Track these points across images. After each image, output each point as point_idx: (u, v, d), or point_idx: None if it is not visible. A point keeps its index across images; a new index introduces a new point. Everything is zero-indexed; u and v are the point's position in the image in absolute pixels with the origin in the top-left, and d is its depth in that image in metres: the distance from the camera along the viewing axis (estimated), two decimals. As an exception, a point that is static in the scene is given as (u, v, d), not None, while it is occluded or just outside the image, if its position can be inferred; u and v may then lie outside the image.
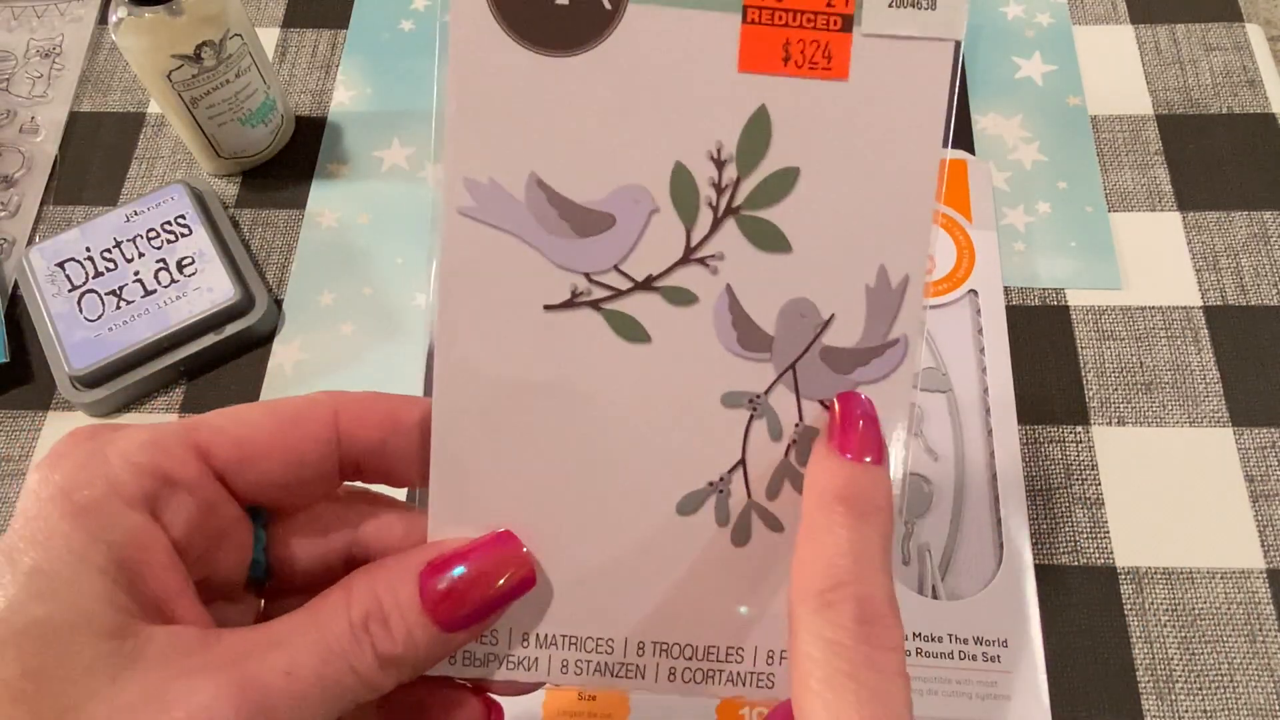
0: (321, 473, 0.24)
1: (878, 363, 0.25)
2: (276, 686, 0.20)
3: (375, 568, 0.23)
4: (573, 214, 0.24)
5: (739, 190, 0.24)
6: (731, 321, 0.24)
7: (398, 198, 0.54)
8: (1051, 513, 0.44)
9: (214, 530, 0.23)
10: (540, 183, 0.24)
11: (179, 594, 0.22)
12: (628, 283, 0.24)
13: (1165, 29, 0.58)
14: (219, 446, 0.23)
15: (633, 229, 0.24)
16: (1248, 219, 0.51)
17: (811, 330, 0.24)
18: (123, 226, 0.51)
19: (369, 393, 0.25)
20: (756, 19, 0.23)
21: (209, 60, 0.49)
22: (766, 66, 0.23)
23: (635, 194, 0.24)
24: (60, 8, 0.62)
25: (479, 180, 0.24)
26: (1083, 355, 0.48)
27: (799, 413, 0.25)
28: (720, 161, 0.24)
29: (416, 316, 0.51)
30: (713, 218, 0.24)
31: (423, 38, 0.60)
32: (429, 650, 0.23)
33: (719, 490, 0.25)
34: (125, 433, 0.22)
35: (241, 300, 0.49)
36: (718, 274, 0.24)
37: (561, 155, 0.23)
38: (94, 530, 0.21)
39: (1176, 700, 0.41)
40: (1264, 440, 0.46)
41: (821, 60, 0.23)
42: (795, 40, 0.23)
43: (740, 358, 0.24)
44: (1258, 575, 0.43)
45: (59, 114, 0.58)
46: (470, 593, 0.23)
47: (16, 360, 0.51)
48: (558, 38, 0.23)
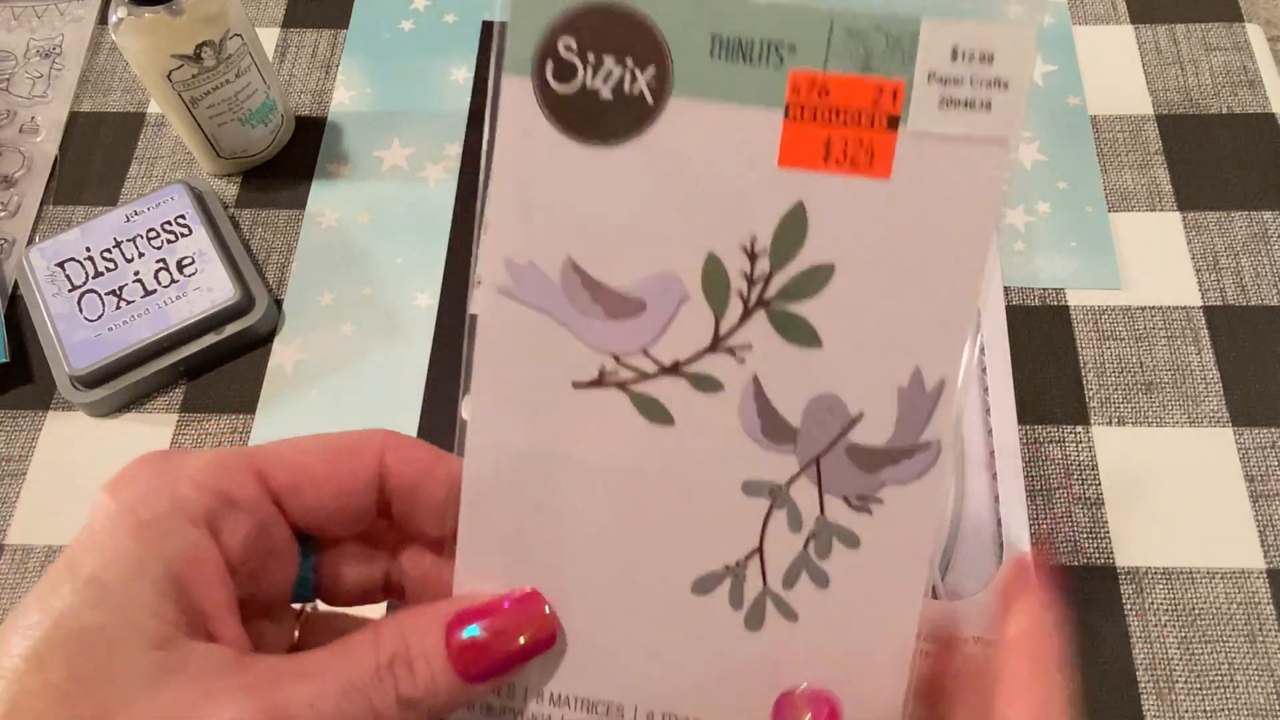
0: (364, 506, 0.25)
1: (908, 464, 0.24)
2: (300, 716, 0.21)
3: (405, 615, 0.24)
4: (605, 298, 0.24)
5: (771, 283, 0.24)
6: (756, 411, 0.24)
7: (398, 198, 0.54)
8: (1051, 513, 0.44)
9: (266, 550, 0.24)
10: (575, 266, 0.24)
11: (223, 612, 0.23)
12: (655, 366, 0.24)
13: (1165, 29, 0.58)
14: (277, 471, 0.24)
15: (662, 315, 0.24)
16: (1248, 219, 0.51)
17: (838, 426, 0.24)
18: (123, 226, 0.51)
19: (415, 439, 0.26)
20: (799, 115, 0.23)
21: (209, 60, 0.49)
22: (806, 163, 0.23)
23: (666, 281, 0.24)
24: (60, 8, 0.62)
25: (518, 261, 0.24)
26: (1083, 355, 0.48)
27: (820, 507, 0.25)
28: (753, 254, 0.24)
29: (417, 316, 0.51)
30: (743, 309, 0.24)
31: (423, 38, 0.60)
32: (448, 697, 0.24)
33: (734, 574, 0.25)
34: (191, 456, 0.24)
35: (241, 300, 0.49)
36: (745, 364, 0.24)
37: (597, 241, 0.24)
38: (154, 543, 0.22)
39: (1176, 700, 0.41)
40: (1264, 440, 0.46)
41: (864, 159, 0.23)
42: (838, 138, 0.23)
43: (763, 447, 0.25)
44: (1258, 575, 0.43)
45: (59, 114, 0.58)
46: (493, 646, 0.24)
47: (16, 360, 0.51)
48: (600, 129, 0.24)
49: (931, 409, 0.24)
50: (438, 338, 0.50)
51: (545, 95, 0.24)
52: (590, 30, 0.23)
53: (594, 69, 0.23)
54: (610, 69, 0.23)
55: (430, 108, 0.57)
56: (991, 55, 0.23)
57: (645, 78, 0.23)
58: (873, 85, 0.23)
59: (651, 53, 0.23)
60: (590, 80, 0.23)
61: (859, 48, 0.23)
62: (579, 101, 0.24)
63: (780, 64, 0.23)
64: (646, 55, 0.23)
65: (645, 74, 0.23)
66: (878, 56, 0.23)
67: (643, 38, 0.23)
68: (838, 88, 0.23)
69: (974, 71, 0.23)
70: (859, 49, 0.23)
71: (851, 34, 0.23)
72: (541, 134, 0.24)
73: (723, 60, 0.23)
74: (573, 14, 0.23)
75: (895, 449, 0.24)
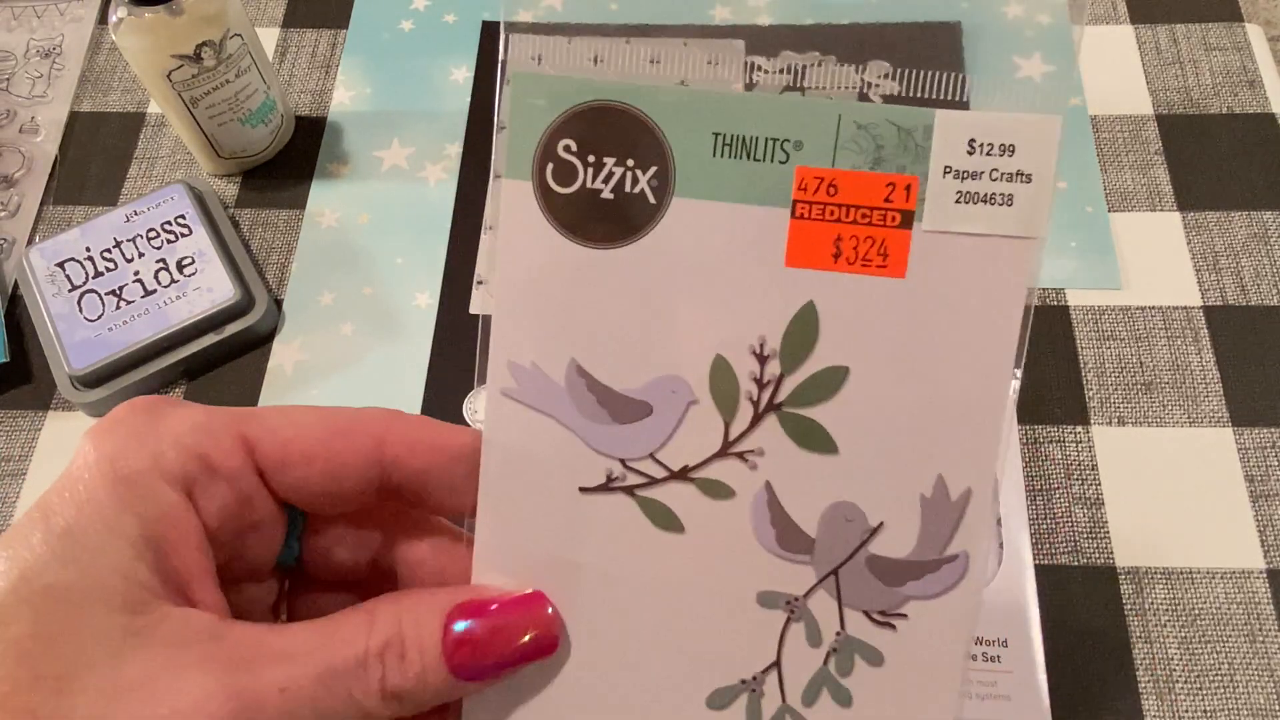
0: (360, 487, 0.24)
1: (932, 578, 0.23)
2: (269, 703, 0.20)
3: (403, 598, 0.23)
4: (610, 401, 0.24)
5: (782, 387, 0.23)
6: (770, 519, 0.24)
7: (398, 198, 0.54)
8: (1051, 513, 0.44)
9: (246, 522, 0.23)
10: (580, 369, 0.24)
11: (201, 577, 0.22)
12: (663, 471, 0.24)
13: (1165, 29, 0.58)
14: (265, 443, 0.23)
15: (670, 419, 0.24)
16: (1248, 219, 0.51)
17: (857, 537, 0.23)
18: (123, 226, 0.51)
19: (420, 417, 0.25)
20: (806, 214, 0.22)
21: (209, 60, 0.49)
22: (815, 262, 0.23)
23: (673, 384, 0.23)
24: (60, 8, 0.62)
25: (522, 364, 0.24)
26: (1083, 355, 0.48)
27: (841, 621, 0.24)
28: (763, 357, 0.23)
29: (417, 316, 0.51)
30: (753, 413, 0.23)
31: (423, 38, 0.60)
32: (436, 693, 0.23)
33: (751, 689, 0.24)
34: (180, 411, 0.23)
35: (241, 300, 0.49)
36: (757, 470, 0.23)
37: (601, 343, 0.24)
38: (129, 501, 0.21)
39: (1176, 700, 0.41)
40: (1264, 440, 0.46)
41: (876, 257, 0.22)
42: (848, 236, 0.22)
43: (778, 557, 0.24)
44: (1258, 575, 0.43)
45: (59, 114, 0.58)
46: (491, 644, 0.23)
47: (16, 360, 0.51)
48: (602, 230, 0.23)
49: (958, 520, 0.23)
50: (438, 338, 0.50)
51: (546, 198, 0.23)
52: (590, 131, 0.23)
53: (594, 170, 0.23)
54: (611, 170, 0.23)
55: (430, 108, 0.57)
56: (1012, 147, 0.22)
57: (646, 178, 0.23)
58: (884, 181, 0.22)
59: (652, 153, 0.23)
60: (591, 181, 0.23)
61: (869, 142, 0.22)
62: (580, 203, 0.23)
63: (786, 160, 0.22)
64: (647, 155, 0.23)
65: (646, 174, 0.23)
66: (889, 150, 0.22)
67: (643, 138, 0.23)
68: (847, 184, 0.22)
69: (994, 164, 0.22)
70: (869, 143, 0.22)
71: (860, 127, 0.22)
72: (543, 236, 0.23)
73: (726, 159, 0.23)
74: (571, 115, 0.23)
75: (919, 561, 0.23)
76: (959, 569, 0.23)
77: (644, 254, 0.23)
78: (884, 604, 0.23)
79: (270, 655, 0.21)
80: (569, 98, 0.23)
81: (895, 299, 0.22)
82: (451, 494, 0.25)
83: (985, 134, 0.22)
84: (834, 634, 0.24)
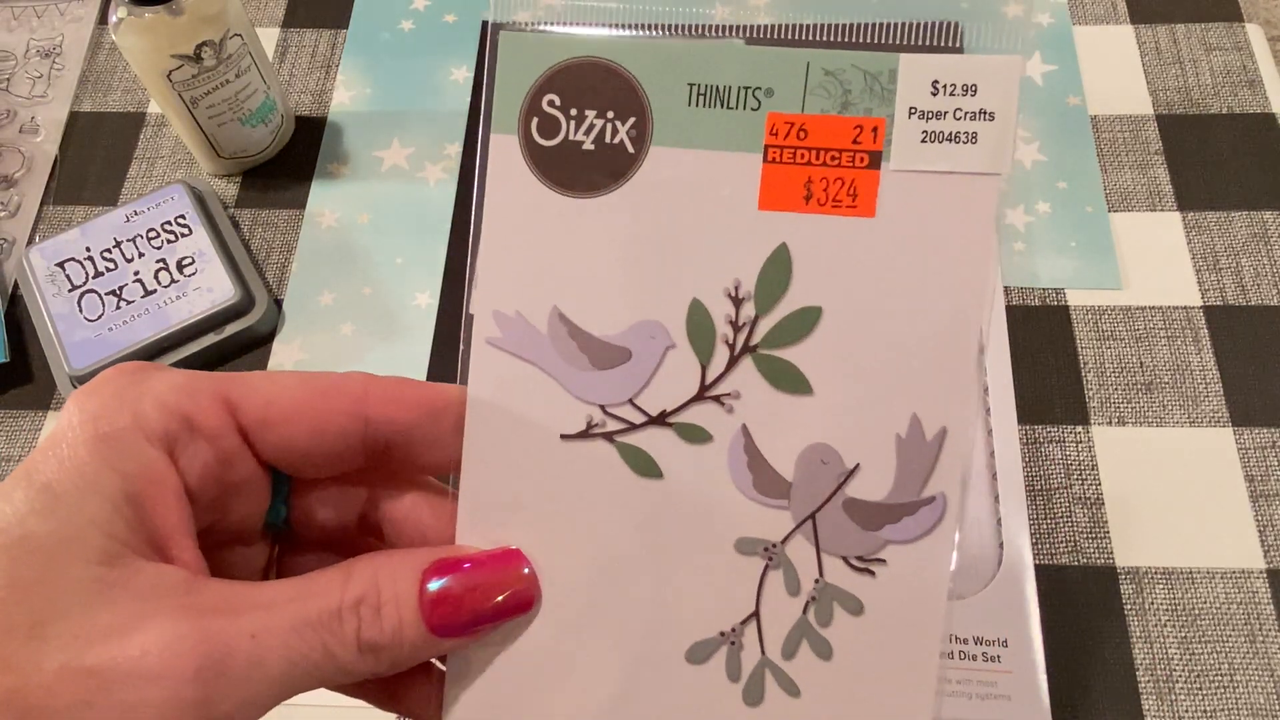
0: (344, 448, 0.24)
1: (909, 521, 0.23)
2: (239, 647, 0.21)
3: (379, 555, 0.24)
4: (591, 347, 0.24)
5: (757, 328, 0.23)
6: (747, 463, 0.24)
7: (398, 198, 0.54)
8: (1051, 513, 0.44)
9: (228, 482, 0.24)
10: (562, 316, 0.24)
11: (179, 534, 0.22)
12: (641, 416, 0.24)
13: (1165, 29, 0.58)
14: (248, 403, 0.23)
15: (648, 364, 0.24)
16: (1248, 219, 0.51)
17: (833, 479, 0.23)
18: (123, 226, 0.51)
19: (400, 377, 0.25)
20: (777, 158, 0.23)
21: (209, 60, 0.49)
22: (787, 205, 0.23)
23: (651, 329, 0.24)
24: (60, 8, 0.62)
25: (506, 312, 0.24)
26: (1083, 355, 0.48)
27: (819, 568, 0.23)
28: (738, 299, 0.23)
29: (416, 316, 0.51)
30: (729, 355, 0.24)
31: (423, 38, 0.60)
32: (413, 648, 0.23)
33: (730, 642, 0.24)
34: (162, 374, 0.23)
35: (241, 300, 0.49)
36: (733, 413, 0.24)
37: (582, 290, 0.24)
38: (110, 458, 0.21)
39: (1176, 700, 0.41)
40: (1264, 440, 0.46)
41: (846, 198, 0.23)
42: (818, 178, 0.23)
43: (756, 503, 0.24)
44: (1258, 575, 0.43)
45: (59, 114, 0.58)
46: (467, 601, 0.23)
47: (16, 360, 0.51)
48: (584, 180, 0.24)
49: (933, 460, 0.23)
50: (438, 338, 0.50)
51: (531, 150, 0.24)
52: (572, 86, 0.24)
53: (576, 123, 0.24)
54: (592, 122, 0.24)
55: (430, 108, 0.57)
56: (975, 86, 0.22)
57: (625, 128, 0.24)
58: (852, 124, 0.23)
59: (631, 104, 0.23)
60: (573, 134, 0.24)
61: (836, 87, 0.23)
62: (563, 154, 0.24)
63: (758, 107, 0.23)
64: (626, 107, 0.23)
65: (625, 125, 0.24)
66: (856, 94, 0.23)
67: (622, 90, 0.23)
68: (816, 128, 0.23)
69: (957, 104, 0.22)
70: (836, 88, 0.23)
71: (828, 73, 0.23)
72: (527, 187, 0.24)
73: (700, 107, 0.23)
74: (555, 71, 0.24)
75: (896, 504, 0.23)
76: (937, 511, 0.23)
77: (623, 202, 0.24)
78: (862, 549, 0.23)
79: (244, 605, 0.21)
80: (553, 55, 0.24)
81: (866, 238, 0.23)
82: (436, 449, 0.25)
83: (948, 75, 0.22)
84: (813, 582, 0.24)
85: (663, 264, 0.24)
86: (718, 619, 0.24)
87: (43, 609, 0.20)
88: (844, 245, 0.23)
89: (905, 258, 0.23)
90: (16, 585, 0.20)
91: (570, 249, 0.24)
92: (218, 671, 0.20)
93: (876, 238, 0.23)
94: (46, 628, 0.20)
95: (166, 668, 0.20)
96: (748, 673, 0.24)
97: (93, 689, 0.19)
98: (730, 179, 0.23)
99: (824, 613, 0.24)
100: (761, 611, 0.24)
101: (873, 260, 0.23)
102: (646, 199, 0.24)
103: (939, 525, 0.23)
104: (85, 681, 0.19)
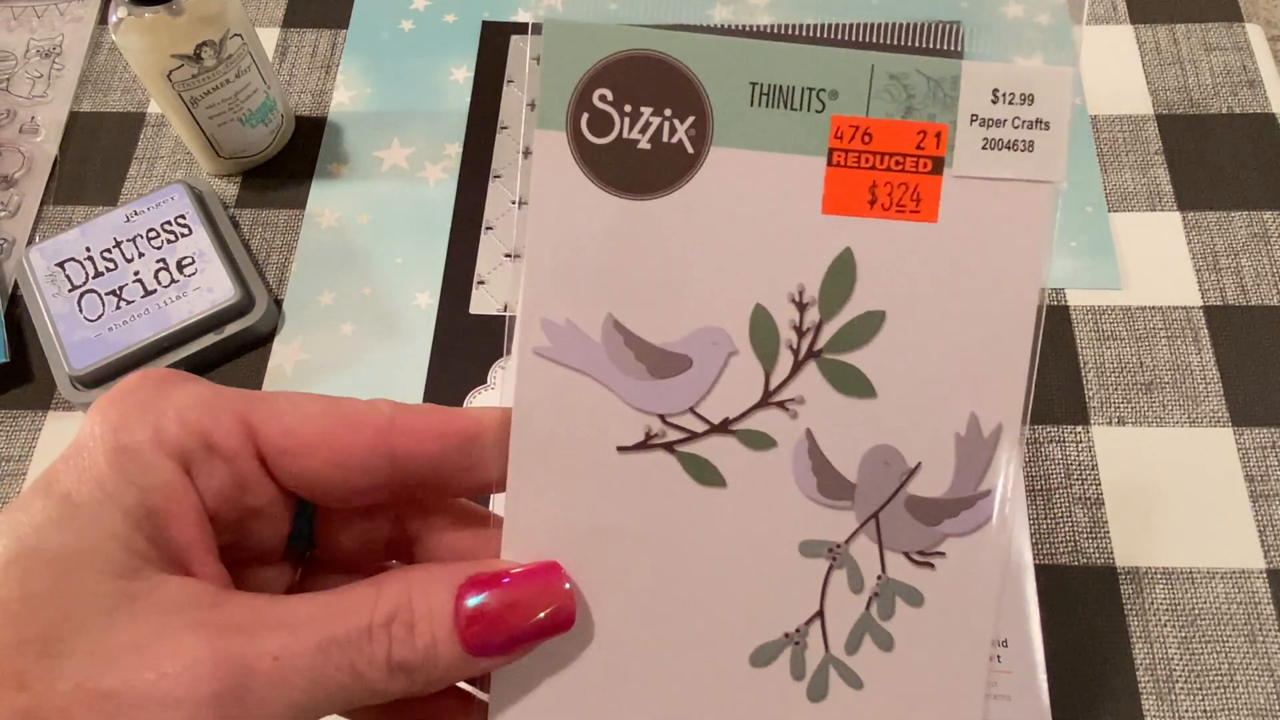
0: (368, 482, 0.23)
1: (967, 515, 0.24)
2: (260, 668, 0.20)
3: (412, 571, 0.23)
4: (649, 355, 0.24)
5: (821, 333, 0.23)
6: (811, 467, 0.24)
7: (398, 198, 0.54)
8: (1051, 513, 0.44)
9: (246, 505, 0.23)
10: (617, 324, 0.23)
11: (199, 550, 0.21)
12: (703, 425, 0.24)
13: (1165, 29, 0.58)
14: (268, 429, 0.23)
15: (710, 371, 0.24)
16: (1248, 219, 0.51)
17: (896, 479, 0.24)
18: (123, 226, 0.51)
19: (429, 406, 0.24)
20: (842, 161, 0.23)
21: (209, 60, 0.49)
22: (851, 209, 0.23)
23: (713, 336, 0.23)
24: (60, 8, 0.62)
25: (556, 321, 0.23)
26: (1083, 355, 0.48)
27: (881, 564, 0.24)
28: (802, 304, 0.23)
29: (416, 316, 0.51)
30: (793, 361, 0.23)
31: (423, 38, 0.60)
32: (447, 669, 0.22)
33: (795, 642, 0.24)
34: (188, 387, 0.22)
35: (241, 300, 0.49)
36: (797, 418, 0.24)
37: (639, 297, 0.23)
38: (129, 471, 0.21)
39: (1176, 700, 0.41)
40: (1264, 440, 0.46)
41: (910, 203, 0.23)
42: (882, 183, 0.23)
43: (820, 505, 0.24)
44: (1258, 575, 0.43)
45: (59, 114, 0.58)
46: (505, 619, 0.22)
47: (16, 360, 0.51)
48: (639, 181, 0.23)
49: (990, 456, 0.23)
50: (438, 338, 0.50)
51: (581, 148, 0.23)
52: (626, 81, 0.23)
53: (631, 120, 0.23)
54: (648, 120, 0.23)
55: (430, 108, 0.57)
56: (1031, 96, 0.23)
57: (684, 127, 0.23)
58: (916, 129, 0.23)
59: (690, 102, 0.23)
60: (628, 131, 0.23)
61: (901, 91, 0.23)
62: (616, 153, 0.23)
63: (822, 110, 0.23)
64: (685, 105, 0.23)
65: (684, 124, 0.23)
66: (920, 99, 0.23)
67: (681, 87, 0.23)
68: (881, 132, 0.23)
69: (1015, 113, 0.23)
70: (901, 92, 0.23)
71: (893, 77, 0.23)
72: (578, 188, 0.23)
73: (763, 108, 0.23)
74: (607, 64, 0.23)
75: (954, 499, 0.24)
76: (990, 505, 0.24)
77: (682, 204, 0.23)
78: (923, 544, 0.24)
79: (267, 623, 0.21)
80: (604, 47, 0.23)
81: (928, 243, 0.23)
82: (469, 476, 0.24)
83: (1007, 84, 0.23)
84: (875, 578, 0.24)
85: (724, 269, 0.23)
86: (782, 621, 0.24)
87: (58, 622, 0.19)
88: (907, 250, 0.23)
89: (965, 262, 0.23)
90: (30, 597, 0.19)
91: (625, 253, 0.23)
92: (236, 696, 0.19)
93: (938, 242, 0.23)
94: (62, 643, 0.19)
95: (184, 692, 0.19)
96: (812, 670, 0.24)
97: (109, 712, 0.19)
98: (794, 182, 0.23)
99: (886, 606, 0.24)
100: (826, 610, 0.24)
101: (934, 264, 0.23)
102: (707, 201, 0.23)
103: (994, 516, 0.24)
104: (101, 705, 0.19)
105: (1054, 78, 0.23)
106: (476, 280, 0.52)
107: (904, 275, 0.23)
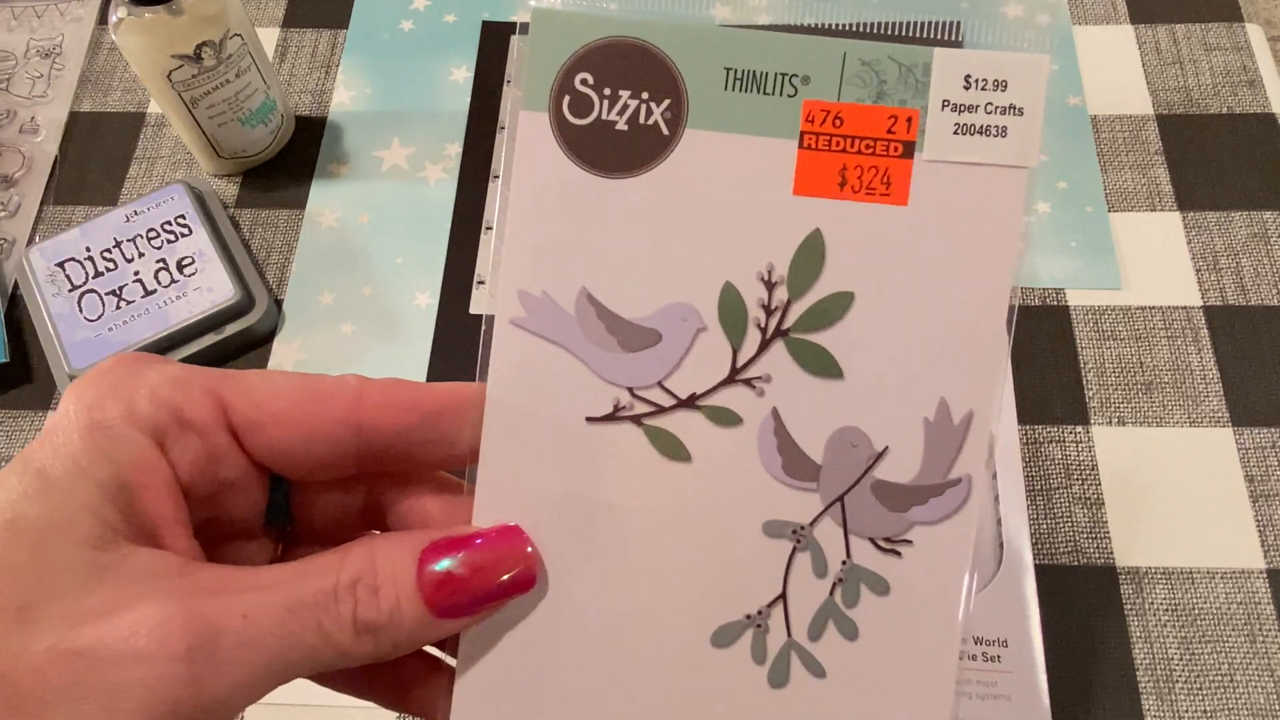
0: (336, 454, 0.24)
1: (936, 503, 0.24)
2: (231, 627, 0.20)
3: (377, 538, 0.23)
4: (620, 329, 0.24)
5: (789, 312, 0.24)
6: (777, 446, 0.24)
7: (398, 198, 0.54)
8: (1051, 513, 0.44)
9: (220, 478, 0.23)
10: (590, 297, 0.24)
11: (171, 523, 0.22)
12: (670, 399, 0.24)
13: (1165, 29, 0.58)
14: (239, 402, 0.23)
15: (678, 346, 0.24)
16: (1248, 219, 0.51)
17: (863, 462, 0.24)
18: (123, 226, 0.51)
19: (395, 380, 0.25)
20: (813, 144, 0.23)
21: (209, 60, 0.49)
22: (822, 191, 0.23)
23: (682, 312, 0.24)
24: (60, 8, 0.62)
25: (532, 293, 0.24)
26: (1083, 355, 0.48)
27: (846, 549, 0.24)
28: (770, 283, 0.24)
29: (416, 316, 0.51)
30: (761, 339, 0.24)
31: (423, 38, 0.60)
32: (412, 630, 0.23)
33: (756, 625, 0.24)
34: (160, 366, 0.23)
35: (241, 300, 0.49)
36: (764, 396, 0.24)
37: (612, 271, 0.24)
38: (102, 446, 0.21)
39: (1176, 700, 0.41)
40: (1264, 440, 0.46)
41: (880, 186, 0.23)
42: (853, 166, 0.23)
43: (785, 485, 0.24)
44: (1258, 575, 0.43)
45: (59, 114, 0.58)
46: (468, 580, 0.23)
47: (16, 360, 0.51)
48: (616, 160, 0.24)
49: (960, 443, 0.23)
50: (438, 338, 0.50)
51: (562, 129, 0.24)
52: (606, 65, 0.23)
53: (610, 102, 0.24)
54: (626, 102, 0.24)
55: (430, 108, 0.57)
56: (1005, 82, 0.23)
57: (660, 110, 0.23)
58: (887, 114, 0.23)
59: (667, 86, 0.23)
60: (606, 113, 0.24)
61: (872, 77, 0.23)
62: (595, 134, 0.24)
63: (794, 94, 0.23)
64: (662, 88, 0.23)
65: (660, 106, 0.23)
66: (891, 85, 0.23)
67: (658, 72, 0.23)
68: (852, 116, 0.23)
69: (988, 99, 0.23)
70: (872, 78, 0.23)
71: (864, 64, 0.23)
72: (557, 166, 0.24)
73: (737, 92, 0.23)
74: (589, 50, 0.24)
75: (923, 486, 0.24)
76: (961, 493, 0.24)
77: (656, 183, 0.24)
78: (889, 530, 0.24)
79: (237, 587, 0.21)
80: (587, 33, 0.24)
81: (898, 225, 0.23)
82: (435, 449, 0.24)
83: (980, 70, 0.23)
84: (840, 563, 0.24)
85: (695, 246, 0.24)
86: (744, 602, 0.24)
87: (32, 591, 0.20)
88: (877, 232, 0.23)
89: (936, 245, 0.23)
90: (5, 568, 0.20)
91: (600, 229, 0.24)
92: (208, 651, 0.20)
93: (908, 225, 0.23)
94: (35, 610, 0.20)
95: (156, 647, 0.20)
96: (773, 655, 0.24)
97: (81, 670, 0.19)
98: (766, 164, 0.23)
99: (850, 594, 0.24)
100: (789, 593, 0.24)
101: (904, 247, 0.23)
102: (680, 181, 0.24)
103: (964, 506, 0.24)
104: (74, 663, 0.19)
105: (1028, 64, 0.23)
106: (476, 280, 0.52)
107: (873, 257, 0.23)
